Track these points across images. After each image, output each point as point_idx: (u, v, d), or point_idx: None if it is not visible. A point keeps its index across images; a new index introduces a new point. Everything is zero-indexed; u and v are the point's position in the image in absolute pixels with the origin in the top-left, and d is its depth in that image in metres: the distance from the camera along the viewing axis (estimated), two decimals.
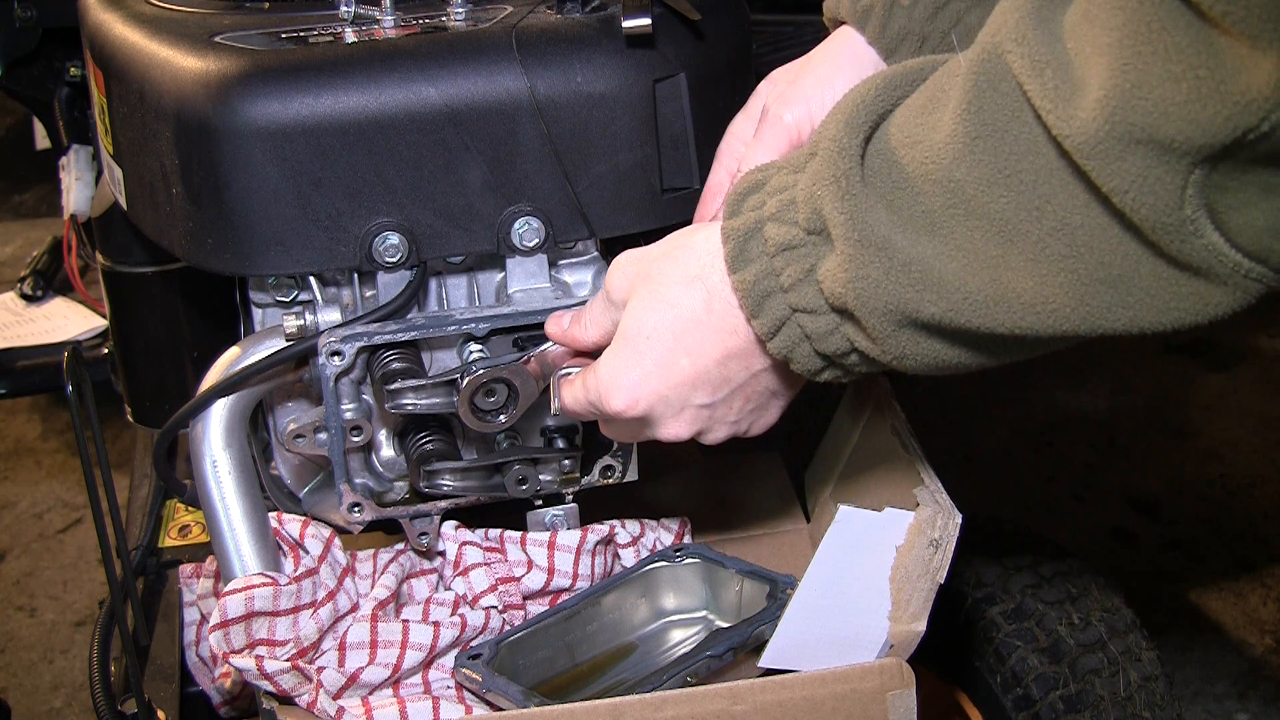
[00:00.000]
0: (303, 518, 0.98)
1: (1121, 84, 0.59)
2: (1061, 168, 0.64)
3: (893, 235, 0.69)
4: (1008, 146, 0.65)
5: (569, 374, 0.88)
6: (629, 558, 1.06)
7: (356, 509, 0.97)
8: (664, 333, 0.80)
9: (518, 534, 1.03)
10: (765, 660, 0.86)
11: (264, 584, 0.91)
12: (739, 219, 0.76)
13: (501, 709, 0.90)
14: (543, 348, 0.92)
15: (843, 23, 0.94)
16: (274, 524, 0.96)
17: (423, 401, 0.92)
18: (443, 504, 0.99)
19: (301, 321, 0.95)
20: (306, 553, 0.96)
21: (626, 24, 0.90)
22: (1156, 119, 0.59)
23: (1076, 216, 0.65)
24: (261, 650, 0.91)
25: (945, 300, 0.69)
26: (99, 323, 1.98)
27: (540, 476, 0.98)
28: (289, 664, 0.88)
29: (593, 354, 0.88)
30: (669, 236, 0.84)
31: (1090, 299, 0.67)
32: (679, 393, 0.81)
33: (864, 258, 0.70)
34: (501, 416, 0.92)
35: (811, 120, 0.90)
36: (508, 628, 0.99)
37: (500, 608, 0.99)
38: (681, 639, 1.02)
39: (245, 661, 0.87)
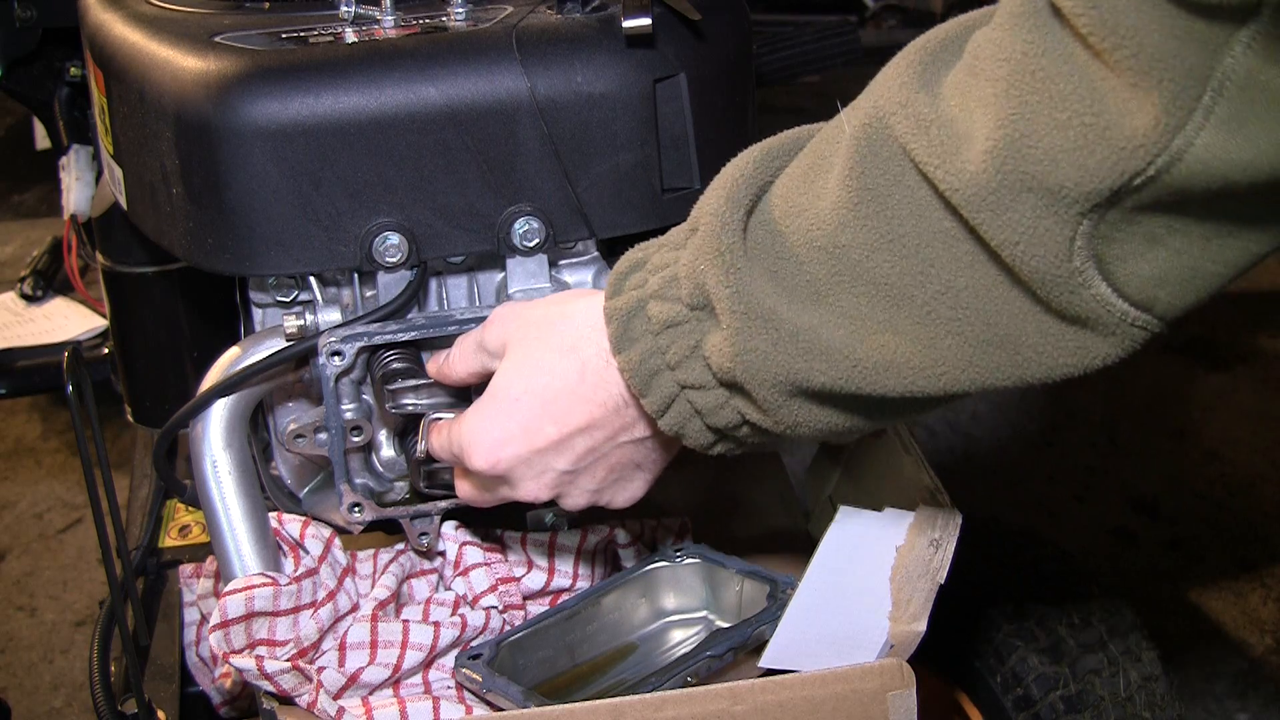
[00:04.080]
0: (303, 518, 0.98)
1: (1009, 134, 0.60)
2: (946, 229, 0.65)
3: (778, 306, 0.70)
4: (891, 210, 0.66)
5: (440, 419, 0.90)
6: (629, 558, 1.06)
7: (356, 509, 0.97)
8: (533, 398, 0.80)
9: (518, 534, 1.03)
10: (765, 660, 0.86)
11: (264, 584, 0.91)
12: (621, 298, 0.77)
13: (501, 709, 0.90)
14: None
15: None
16: (274, 524, 0.96)
17: (423, 401, 0.92)
18: (443, 504, 0.99)
19: (301, 321, 0.95)
20: (306, 553, 0.96)
21: (626, 24, 0.90)
22: (1045, 166, 0.59)
23: (962, 278, 0.65)
24: (261, 650, 0.91)
25: (834, 368, 0.70)
26: (99, 323, 1.98)
27: None
28: (289, 664, 0.88)
29: (461, 392, 0.91)
30: (551, 297, 0.85)
31: (978, 359, 0.67)
32: (541, 458, 0.82)
33: (750, 330, 0.70)
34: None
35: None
36: (508, 628, 0.99)
37: (500, 608, 0.99)
38: (681, 639, 1.02)
39: (245, 661, 0.87)
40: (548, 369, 0.80)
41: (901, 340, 0.68)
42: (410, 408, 0.92)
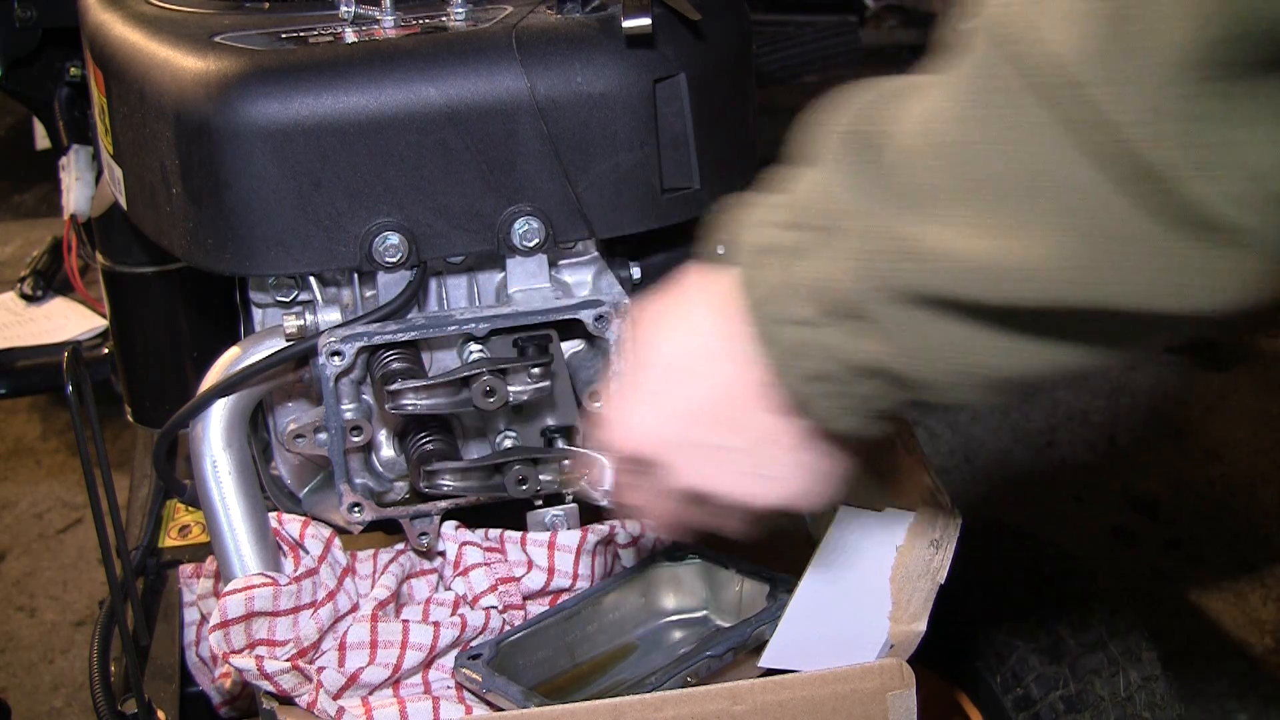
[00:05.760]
0: (303, 518, 0.98)
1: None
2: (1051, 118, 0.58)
3: (880, 208, 0.65)
4: (996, 102, 0.59)
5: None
6: (629, 558, 1.06)
7: (356, 509, 0.97)
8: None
9: (518, 534, 1.03)
10: (765, 660, 0.86)
11: (264, 584, 0.91)
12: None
13: (501, 709, 0.90)
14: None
15: None
16: (274, 524, 0.96)
17: (423, 401, 0.92)
18: (443, 504, 0.99)
19: (301, 321, 0.95)
20: (306, 553, 0.96)
21: (626, 24, 0.90)
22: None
23: (1080, 172, 0.58)
24: (261, 650, 0.91)
25: (953, 273, 0.63)
26: (99, 323, 1.98)
27: (540, 476, 0.97)
28: (289, 664, 0.88)
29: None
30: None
31: (1100, 264, 0.60)
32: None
33: (859, 236, 0.65)
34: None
35: None
36: (508, 628, 0.99)
37: (500, 608, 0.99)
38: (681, 639, 1.02)
39: (245, 661, 0.87)
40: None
41: (1017, 242, 0.61)
42: (410, 408, 0.92)
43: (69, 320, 2.07)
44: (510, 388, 0.93)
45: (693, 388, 0.75)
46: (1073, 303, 0.61)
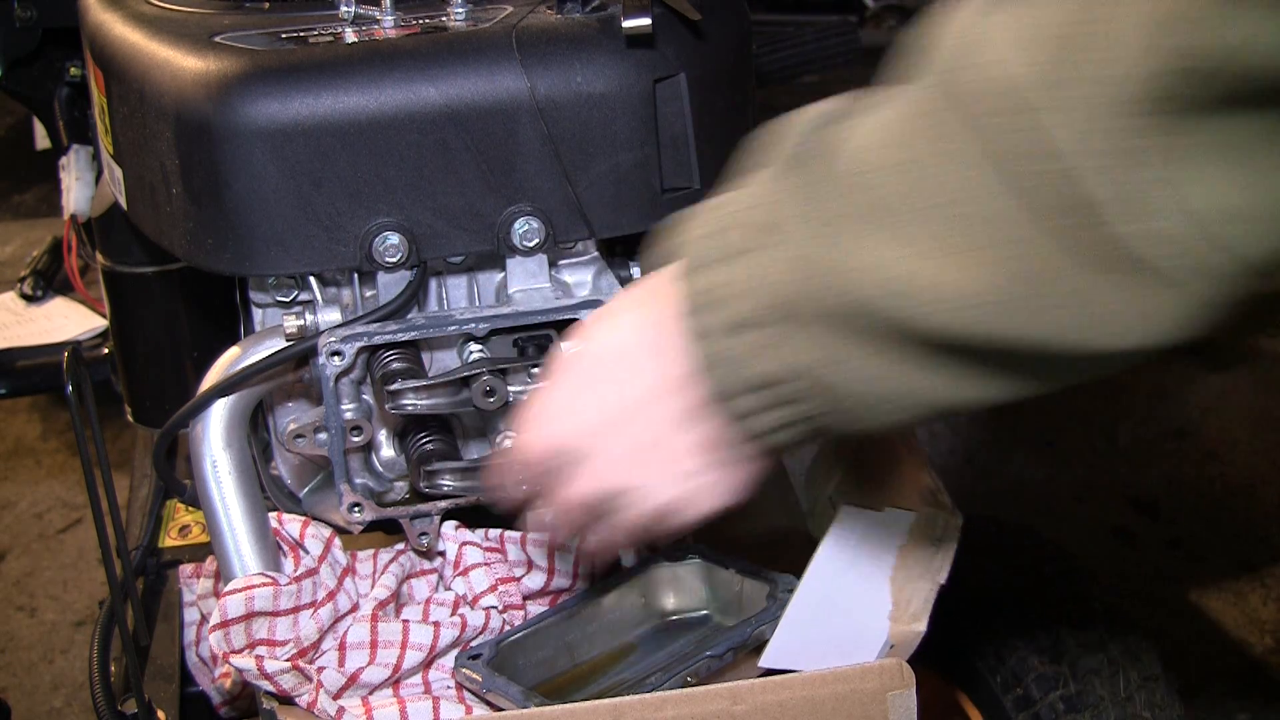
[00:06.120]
0: (303, 518, 0.98)
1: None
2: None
3: (801, 225, 0.65)
4: (937, 132, 0.59)
5: None
6: (629, 558, 1.06)
7: (356, 509, 0.97)
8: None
9: (518, 534, 1.03)
10: (765, 660, 0.86)
11: (264, 584, 0.91)
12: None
13: (501, 709, 0.90)
14: None
15: None
16: (274, 524, 0.96)
17: (423, 401, 0.92)
18: (443, 504, 0.99)
19: (301, 321, 0.95)
20: (306, 553, 0.96)
21: (626, 24, 0.90)
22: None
23: (1004, 202, 0.57)
24: (261, 650, 0.91)
25: (884, 289, 0.62)
26: (99, 323, 1.98)
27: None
28: (289, 664, 0.88)
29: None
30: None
31: (1020, 296, 0.59)
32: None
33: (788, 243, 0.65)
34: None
35: None
36: (508, 628, 0.99)
37: (500, 608, 0.99)
38: (681, 639, 1.02)
39: (245, 661, 0.87)
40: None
41: (947, 270, 0.60)
42: (410, 408, 0.92)
43: (69, 320, 2.07)
44: (510, 388, 0.93)
45: (617, 382, 0.74)
46: (998, 335, 0.60)
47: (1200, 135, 0.51)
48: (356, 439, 0.96)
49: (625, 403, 0.74)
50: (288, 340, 0.95)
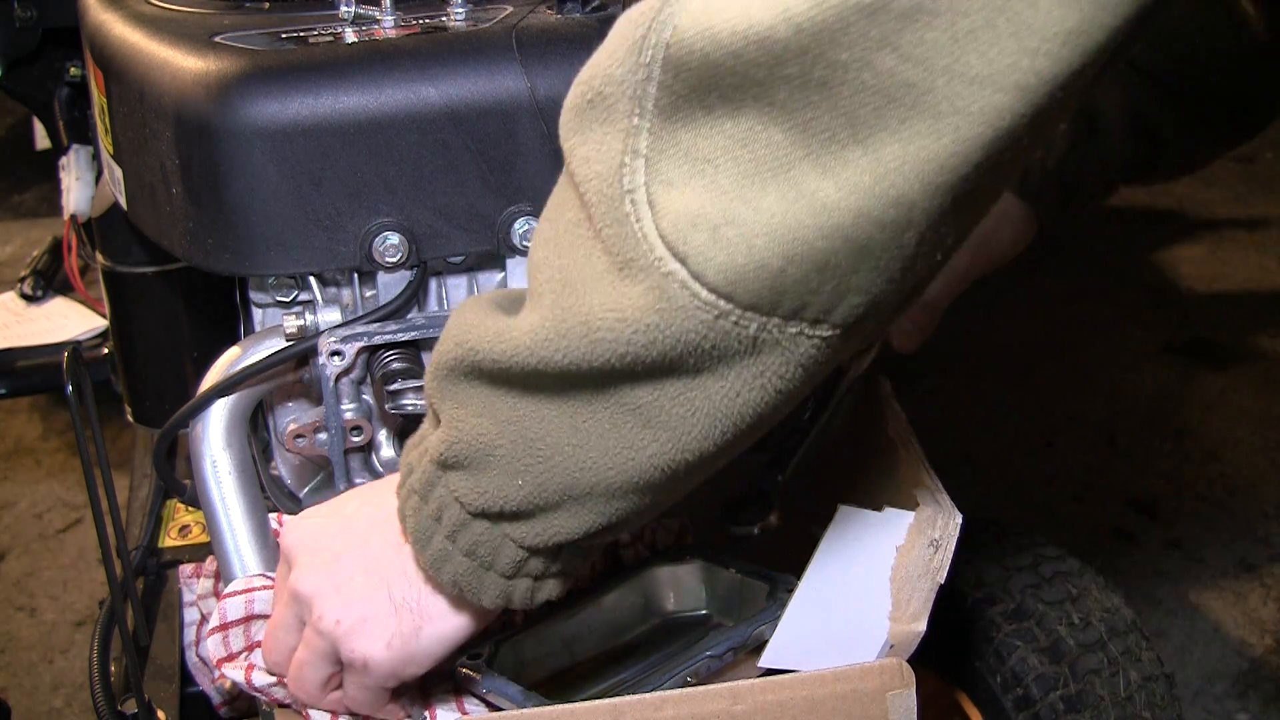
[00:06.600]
0: None
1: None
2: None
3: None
4: None
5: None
6: (629, 558, 1.06)
7: None
8: None
9: None
10: (765, 660, 0.86)
11: (264, 586, 0.91)
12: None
13: (501, 709, 0.90)
14: None
15: None
16: (274, 524, 0.96)
17: (423, 402, 0.92)
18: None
19: (301, 321, 0.95)
20: None
21: None
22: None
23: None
24: (254, 658, 0.91)
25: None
26: (99, 323, 1.98)
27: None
28: (275, 679, 0.87)
29: None
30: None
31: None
32: None
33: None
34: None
35: None
36: (508, 628, 0.98)
37: None
38: (681, 639, 1.02)
39: (235, 673, 0.87)
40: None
41: (533, 314, 0.64)
42: (410, 408, 0.92)
43: (69, 320, 2.07)
44: None
45: (359, 516, 0.81)
46: (564, 363, 0.62)
47: (698, 134, 0.56)
48: (356, 439, 0.96)
49: (363, 535, 0.80)
50: (288, 340, 0.95)
